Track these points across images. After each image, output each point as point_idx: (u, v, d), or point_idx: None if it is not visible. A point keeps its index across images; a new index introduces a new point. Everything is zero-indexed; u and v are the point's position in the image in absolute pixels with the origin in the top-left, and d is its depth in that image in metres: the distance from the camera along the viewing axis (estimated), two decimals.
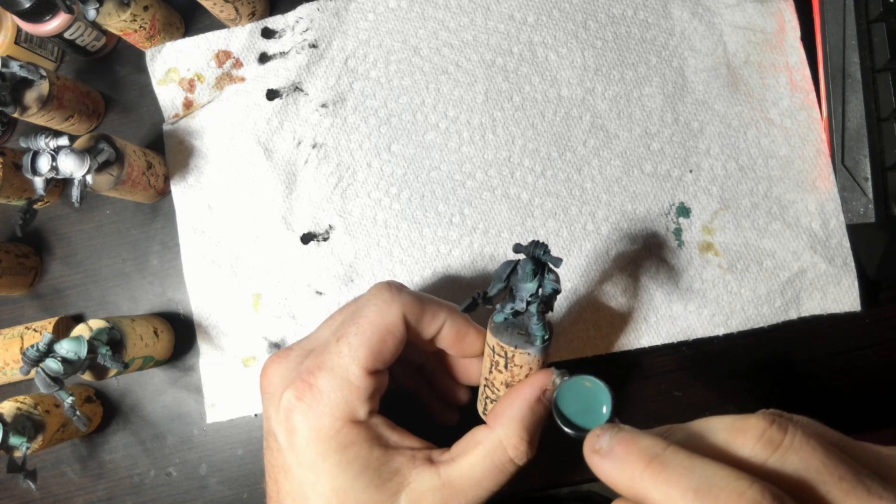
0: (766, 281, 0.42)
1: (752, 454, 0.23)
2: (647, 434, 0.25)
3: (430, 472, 0.32)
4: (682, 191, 0.44)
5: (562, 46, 0.46)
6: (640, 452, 0.24)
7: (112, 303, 0.49)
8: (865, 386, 0.42)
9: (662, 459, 0.23)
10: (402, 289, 0.34)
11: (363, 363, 0.31)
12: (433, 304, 0.34)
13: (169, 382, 0.48)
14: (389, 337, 0.32)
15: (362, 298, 0.34)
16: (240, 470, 0.46)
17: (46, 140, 0.41)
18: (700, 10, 0.45)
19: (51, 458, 0.48)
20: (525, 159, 0.45)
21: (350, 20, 0.48)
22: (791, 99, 0.43)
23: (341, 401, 0.31)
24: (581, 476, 0.43)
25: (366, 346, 0.32)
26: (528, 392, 0.32)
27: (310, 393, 0.31)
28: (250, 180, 0.48)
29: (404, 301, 0.33)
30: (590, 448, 0.26)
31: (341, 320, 0.34)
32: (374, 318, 0.32)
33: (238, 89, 0.48)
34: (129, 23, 0.45)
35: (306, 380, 0.32)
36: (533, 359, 0.32)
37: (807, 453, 0.22)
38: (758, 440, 0.23)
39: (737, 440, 0.24)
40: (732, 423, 0.24)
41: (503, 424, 0.32)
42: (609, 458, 0.25)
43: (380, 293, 0.33)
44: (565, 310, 0.44)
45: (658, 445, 0.24)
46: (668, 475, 0.23)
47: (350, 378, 0.31)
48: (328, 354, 0.32)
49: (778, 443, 0.23)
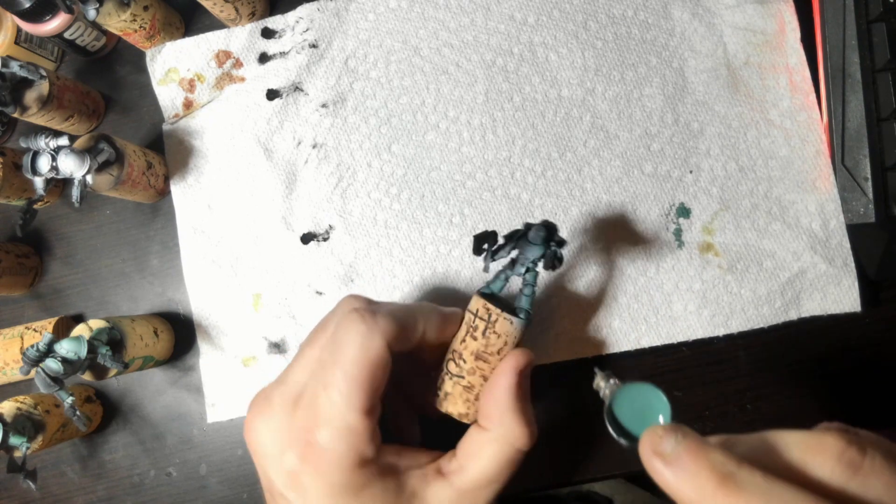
0: (766, 281, 0.42)
1: (831, 477, 0.22)
2: (717, 447, 0.23)
3: (443, 485, 0.32)
4: (682, 191, 0.44)
5: (562, 47, 0.46)
6: (712, 468, 0.22)
7: (112, 303, 0.49)
8: (866, 386, 0.42)
9: (737, 480, 0.22)
10: (374, 312, 0.32)
11: (359, 406, 0.30)
12: (408, 316, 0.33)
13: (169, 382, 0.48)
14: (378, 371, 0.31)
15: (337, 331, 0.31)
16: (240, 470, 0.46)
17: (46, 140, 0.41)
18: (700, 11, 0.45)
19: (51, 458, 0.48)
20: (525, 160, 0.45)
21: (350, 20, 0.48)
22: (791, 100, 0.43)
23: (347, 450, 0.30)
24: (581, 476, 0.43)
25: (358, 389, 0.30)
26: (509, 380, 0.32)
27: (313, 453, 0.30)
28: (250, 180, 0.48)
29: (383, 328, 0.31)
30: (651, 449, 0.24)
31: (318, 359, 0.31)
32: (359, 355, 0.30)
33: (238, 89, 0.48)
34: (129, 23, 0.45)
35: (305, 438, 0.30)
36: (513, 330, 0.33)
37: (888, 478, 0.21)
38: (837, 461, 0.22)
39: (814, 460, 0.22)
40: (806, 441, 0.23)
41: (501, 423, 0.32)
42: (675, 466, 0.23)
43: (354, 324, 0.31)
44: (565, 310, 0.44)
45: (731, 463, 0.22)
46: (743, 499, 0.21)
47: (350, 424, 0.30)
48: (320, 406, 0.30)
49: (858, 465, 0.22)
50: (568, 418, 0.44)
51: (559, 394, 0.30)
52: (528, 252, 0.34)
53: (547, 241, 0.34)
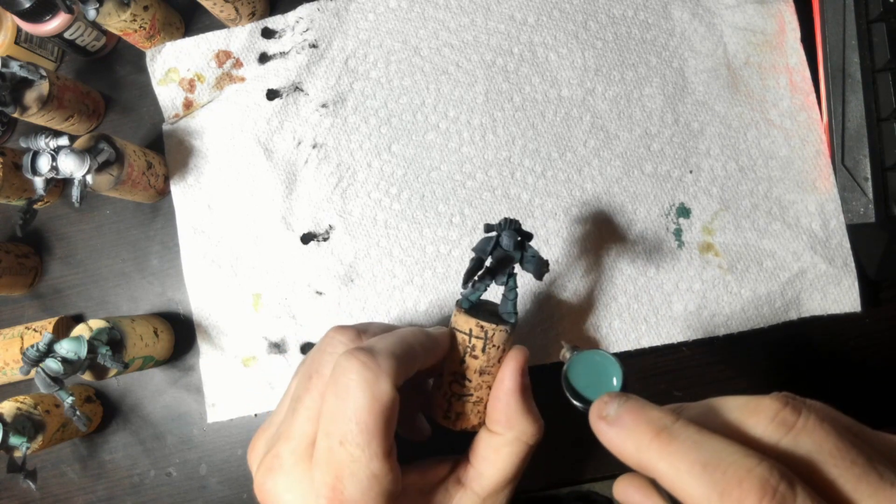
0: (766, 281, 0.42)
1: (763, 434, 0.23)
2: (655, 406, 0.25)
3: (466, 495, 0.32)
4: (682, 191, 0.44)
5: (562, 47, 0.46)
6: (648, 423, 0.24)
7: (112, 303, 0.49)
8: (866, 386, 0.42)
9: (671, 432, 0.23)
10: (373, 353, 0.30)
11: (380, 453, 0.29)
12: (406, 348, 0.32)
13: (169, 382, 0.48)
14: (391, 414, 0.29)
15: (339, 378, 0.29)
16: (240, 470, 0.46)
17: (46, 140, 0.41)
18: (700, 11, 0.45)
19: (51, 458, 0.48)
20: (525, 160, 0.45)
21: (350, 20, 0.48)
22: (791, 100, 0.43)
23: (378, 496, 0.29)
24: (581, 476, 0.43)
25: (376, 438, 0.29)
26: (512, 384, 0.32)
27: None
28: (250, 180, 0.48)
29: (387, 371, 0.29)
30: (596, 414, 0.26)
31: (324, 410, 0.30)
32: (372, 405, 0.29)
33: (238, 89, 0.48)
34: (129, 23, 0.45)
35: (333, 497, 0.29)
36: (508, 336, 0.33)
37: (819, 436, 0.22)
38: (770, 420, 0.23)
39: (749, 419, 0.24)
40: (746, 403, 0.24)
41: (512, 426, 0.32)
42: (616, 425, 0.25)
43: (358, 372, 0.29)
44: (565, 310, 0.44)
45: (667, 418, 0.24)
46: (676, 447, 0.23)
47: (375, 473, 0.29)
48: (340, 462, 0.29)
49: (791, 424, 0.23)
50: (568, 418, 0.44)
51: (559, 394, 0.31)
52: (505, 260, 0.33)
53: (519, 244, 0.33)
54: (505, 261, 0.33)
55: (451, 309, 0.45)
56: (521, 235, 0.33)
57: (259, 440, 0.33)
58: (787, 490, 0.20)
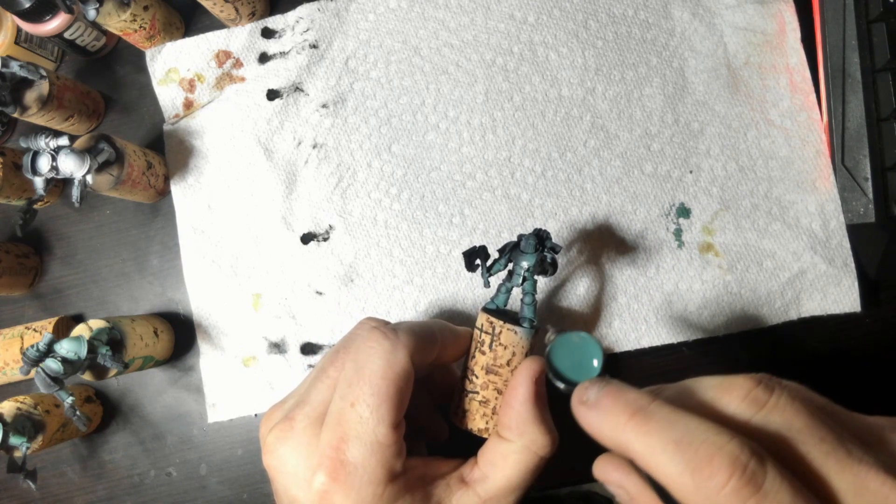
0: (766, 282, 0.42)
1: (736, 412, 0.24)
2: (633, 388, 0.26)
3: (468, 494, 0.32)
4: (682, 191, 0.44)
5: (562, 46, 0.46)
6: (625, 405, 0.25)
7: (112, 303, 0.49)
8: (865, 386, 0.42)
9: (647, 412, 0.24)
10: (395, 329, 0.32)
11: (388, 420, 0.30)
12: (427, 330, 0.33)
13: (169, 382, 0.48)
14: (404, 385, 0.31)
15: (361, 349, 0.32)
16: (240, 470, 0.46)
17: (46, 140, 0.41)
18: (700, 10, 0.45)
19: (51, 458, 0.48)
20: (525, 160, 0.45)
21: (350, 20, 0.48)
22: (791, 100, 0.43)
23: (378, 466, 0.30)
24: (581, 476, 0.43)
25: (386, 403, 0.30)
26: (525, 391, 0.32)
27: (344, 471, 0.30)
28: (250, 180, 0.48)
29: (405, 342, 0.31)
30: (577, 399, 0.27)
31: (343, 378, 0.31)
32: (386, 371, 0.30)
33: (238, 89, 0.48)
34: (129, 23, 0.45)
35: (335, 457, 0.30)
36: (519, 340, 0.33)
37: (790, 414, 0.23)
38: (743, 399, 0.24)
39: (723, 398, 0.24)
40: (720, 382, 0.25)
41: (522, 434, 0.32)
42: (595, 409, 0.26)
43: (378, 341, 0.31)
44: (565, 310, 0.44)
45: (644, 399, 0.25)
46: (650, 427, 0.24)
47: (380, 440, 0.30)
48: (349, 423, 0.30)
49: (763, 402, 0.23)
50: (568, 418, 0.44)
51: (559, 394, 0.31)
52: (521, 261, 0.35)
53: (538, 249, 0.35)
54: (520, 260, 0.35)
55: (451, 309, 0.45)
56: (542, 242, 0.35)
57: (276, 410, 0.34)
58: (758, 466, 0.21)
